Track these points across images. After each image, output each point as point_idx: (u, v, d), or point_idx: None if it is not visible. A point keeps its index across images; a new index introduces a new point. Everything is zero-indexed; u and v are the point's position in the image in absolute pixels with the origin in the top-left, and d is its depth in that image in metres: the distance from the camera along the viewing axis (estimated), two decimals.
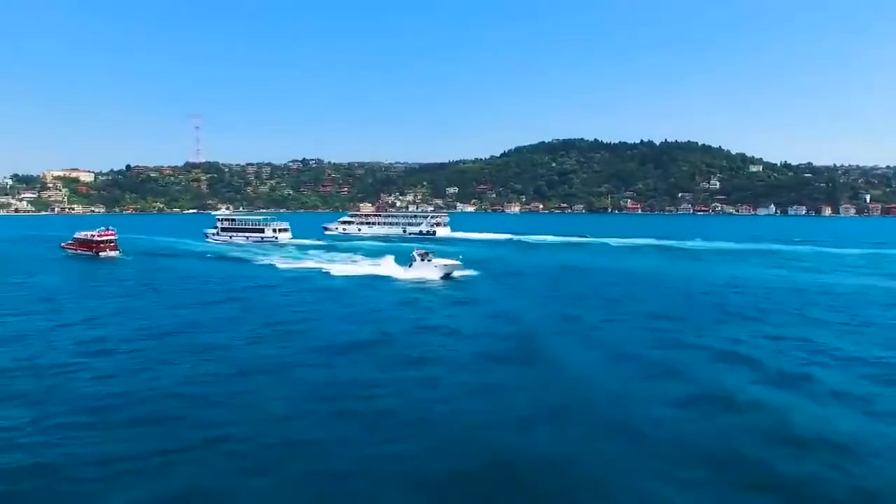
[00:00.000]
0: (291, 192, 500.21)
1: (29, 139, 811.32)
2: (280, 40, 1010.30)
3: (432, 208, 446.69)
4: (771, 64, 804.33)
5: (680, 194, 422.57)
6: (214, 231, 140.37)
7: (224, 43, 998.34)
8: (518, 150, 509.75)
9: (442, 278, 67.92)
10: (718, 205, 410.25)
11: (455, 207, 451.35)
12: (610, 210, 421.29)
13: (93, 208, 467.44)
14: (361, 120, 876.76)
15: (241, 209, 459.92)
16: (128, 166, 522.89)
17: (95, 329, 42.87)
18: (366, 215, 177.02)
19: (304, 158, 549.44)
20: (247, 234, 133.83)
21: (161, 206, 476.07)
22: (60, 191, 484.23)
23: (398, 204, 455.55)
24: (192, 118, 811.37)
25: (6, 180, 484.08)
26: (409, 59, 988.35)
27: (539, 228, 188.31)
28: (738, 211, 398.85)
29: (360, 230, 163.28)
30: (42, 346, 37.30)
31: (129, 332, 41.79)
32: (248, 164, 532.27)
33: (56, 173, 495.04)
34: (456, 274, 69.73)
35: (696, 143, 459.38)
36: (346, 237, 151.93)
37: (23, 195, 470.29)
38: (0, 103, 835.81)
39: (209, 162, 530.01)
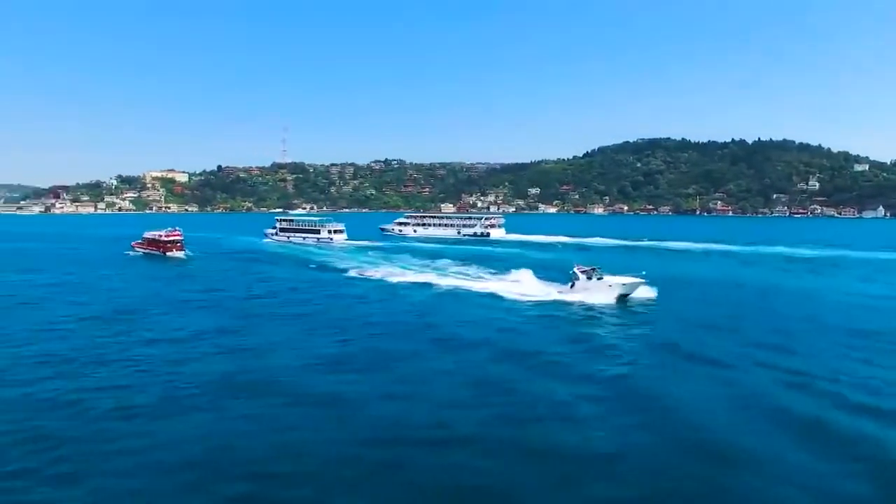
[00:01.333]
0: (374, 192, 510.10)
1: (132, 142, 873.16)
2: (363, 42, 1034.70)
3: (514, 209, 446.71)
4: (875, 55, 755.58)
5: (774, 196, 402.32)
6: (273, 231, 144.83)
7: (309, 45, 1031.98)
8: (602, 149, 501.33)
9: (618, 301, 51.89)
10: (818, 207, 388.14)
11: (537, 208, 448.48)
12: (698, 212, 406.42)
13: (187, 207, 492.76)
14: (443, 120, 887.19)
15: (324, 209, 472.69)
16: (219, 167, 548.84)
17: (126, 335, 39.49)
18: (421, 216, 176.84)
19: (386, 159, 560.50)
20: (303, 235, 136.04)
21: (249, 205, 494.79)
22: (158, 191, 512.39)
23: (479, 205, 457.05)
24: (280, 122, 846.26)
25: (112, 181, 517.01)
26: (490, 58, 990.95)
27: (606, 230, 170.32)
28: (840, 213, 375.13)
29: (415, 231, 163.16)
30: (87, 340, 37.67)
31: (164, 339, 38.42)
32: (332, 165, 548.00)
33: (155, 174, 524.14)
34: (637, 295, 53.16)
35: (793, 141, 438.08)
36: (403, 238, 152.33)
37: (125, 195, 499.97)
38: (108, 107, 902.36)
39: (295, 162, 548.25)
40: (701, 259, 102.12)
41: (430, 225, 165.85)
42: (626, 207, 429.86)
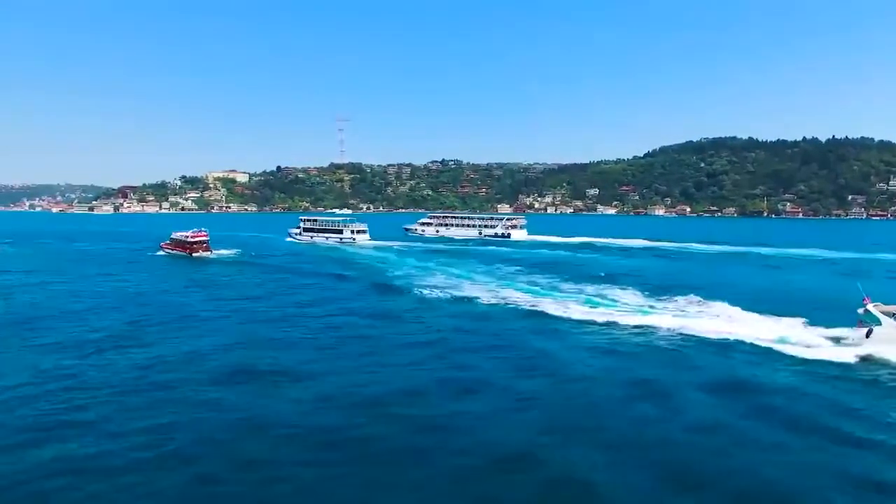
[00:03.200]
0: (430, 193, 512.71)
1: (196, 143, 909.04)
2: (419, 43, 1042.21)
3: (571, 210, 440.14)
4: None
5: (850, 197, 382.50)
6: (298, 231, 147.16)
7: (367, 47, 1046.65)
8: (663, 149, 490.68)
9: None
10: None
11: (595, 209, 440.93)
12: (766, 214, 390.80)
13: (247, 207, 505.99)
14: (501, 120, 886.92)
15: (381, 209, 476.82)
16: (278, 167, 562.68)
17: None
18: (443, 216, 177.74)
19: (443, 159, 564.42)
20: (326, 235, 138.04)
21: (307, 205, 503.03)
22: (220, 191, 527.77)
23: (536, 205, 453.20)
24: (338, 120, 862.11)
25: (176, 181, 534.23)
26: (548, 57, 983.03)
27: (645, 231, 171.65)
28: None
29: (437, 231, 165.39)
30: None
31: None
32: (389, 165, 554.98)
33: (216, 174, 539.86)
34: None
35: (872, 139, 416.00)
36: (424, 238, 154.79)
37: (188, 195, 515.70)
38: (173, 110, 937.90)
39: (352, 163, 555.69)
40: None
41: (452, 225, 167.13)
42: (688, 209, 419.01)
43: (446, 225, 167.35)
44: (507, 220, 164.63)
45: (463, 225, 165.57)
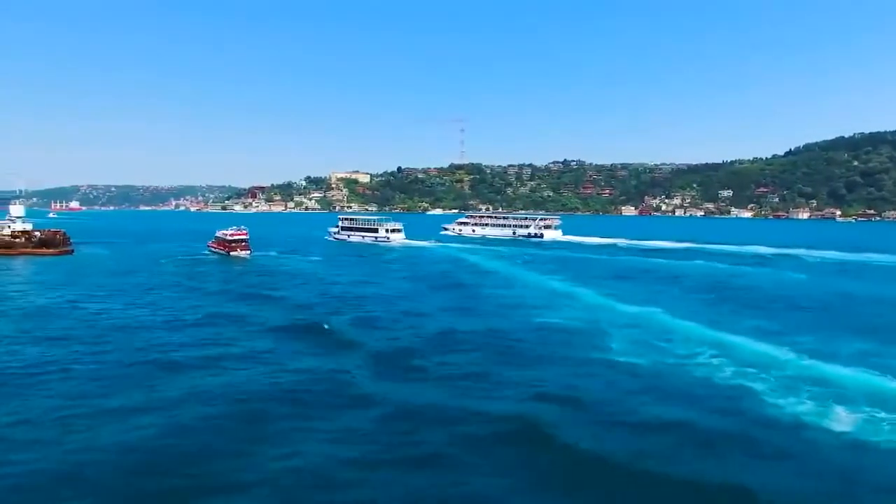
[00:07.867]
0: (551, 194, 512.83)
1: (321, 145, 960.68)
2: (542, 45, 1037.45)
3: (702, 213, 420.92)
4: None
5: None
6: (336, 230, 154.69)
7: (488, 47, 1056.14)
8: (807, 147, 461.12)
9: None
10: None
11: (729, 212, 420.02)
12: None
13: (367, 207, 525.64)
14: (625, 119, 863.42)
15: (500, 210, 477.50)
16: (399, 168, 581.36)
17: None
18: (479, 216, 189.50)
19: (564, 159, 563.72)
20: (362, 234, 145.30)
21: (426, 205, 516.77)
22: (342, 191, 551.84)
23: (663, 207, 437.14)
24: (457, 121, 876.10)
25: (301, 182, 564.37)
26: (678, 50, 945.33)
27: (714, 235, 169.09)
28: None
29: (473, 231, 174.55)
30: None
31: None
32: (509, 166, 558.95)
33: (339, 175, 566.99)
34: None
35: None
36: (460, 238, 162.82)
37: (312, 195, 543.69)
38: (303, 113, 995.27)
39: (472, 163, 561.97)
40: None
41: (487, 225, 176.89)
42: (838, 212, 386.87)
43: (482, 225, 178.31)
44: (541, 220, 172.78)
45: (497, 225, 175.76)
